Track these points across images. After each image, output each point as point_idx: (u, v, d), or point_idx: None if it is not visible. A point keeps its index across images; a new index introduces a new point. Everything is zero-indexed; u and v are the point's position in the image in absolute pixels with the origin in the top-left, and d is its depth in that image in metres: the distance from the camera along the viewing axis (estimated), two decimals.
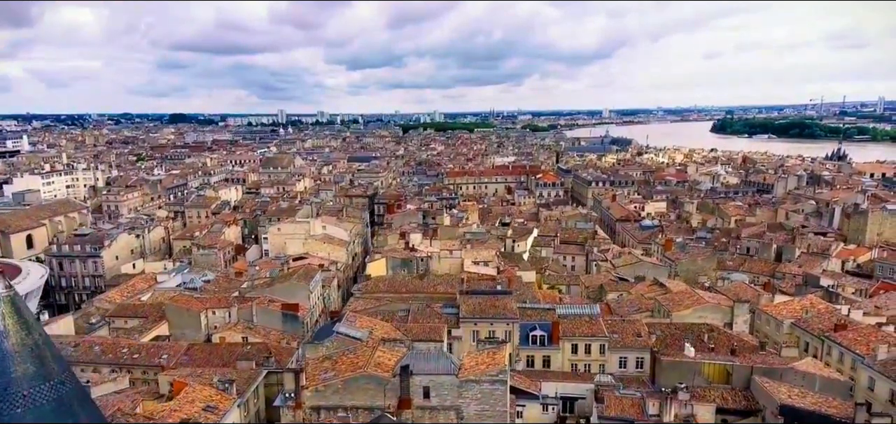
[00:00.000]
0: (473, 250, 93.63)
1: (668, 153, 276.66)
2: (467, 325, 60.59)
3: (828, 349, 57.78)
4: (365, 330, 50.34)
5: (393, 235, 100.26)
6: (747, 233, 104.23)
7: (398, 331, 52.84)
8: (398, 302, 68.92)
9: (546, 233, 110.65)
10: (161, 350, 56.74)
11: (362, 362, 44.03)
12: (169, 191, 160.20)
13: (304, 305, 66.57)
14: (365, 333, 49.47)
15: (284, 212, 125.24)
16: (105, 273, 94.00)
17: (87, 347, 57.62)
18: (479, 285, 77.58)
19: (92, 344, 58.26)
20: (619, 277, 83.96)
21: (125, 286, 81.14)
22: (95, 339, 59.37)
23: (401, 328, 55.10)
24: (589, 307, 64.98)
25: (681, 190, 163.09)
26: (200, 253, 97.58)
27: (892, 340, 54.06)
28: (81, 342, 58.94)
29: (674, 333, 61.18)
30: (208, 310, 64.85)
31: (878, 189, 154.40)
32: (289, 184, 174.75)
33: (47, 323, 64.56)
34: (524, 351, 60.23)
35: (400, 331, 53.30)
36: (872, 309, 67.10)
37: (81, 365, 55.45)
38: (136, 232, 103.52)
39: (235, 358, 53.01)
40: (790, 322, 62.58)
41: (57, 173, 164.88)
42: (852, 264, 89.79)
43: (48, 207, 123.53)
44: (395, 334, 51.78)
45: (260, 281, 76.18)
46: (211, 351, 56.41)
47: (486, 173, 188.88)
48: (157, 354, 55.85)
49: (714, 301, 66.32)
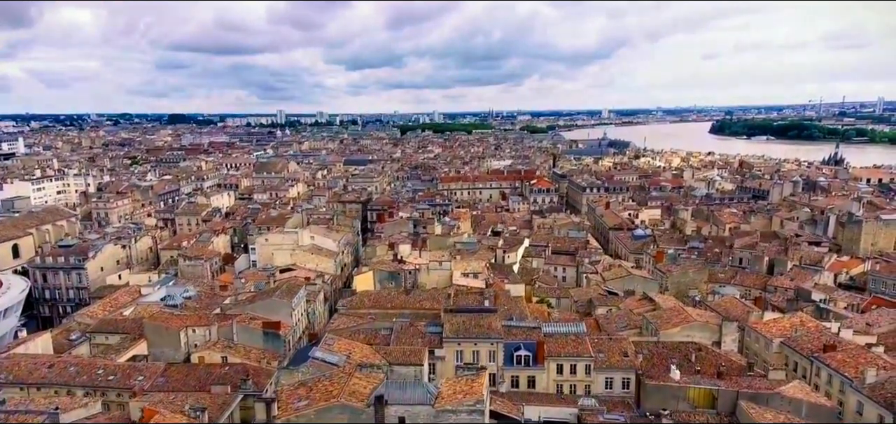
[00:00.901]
0: (463, 261, 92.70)
1: (665, 156, 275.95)
2: (451, 345, 59.51)
3: (817, 370, 56.76)
4: (342, 354, 49.27)
5: (382, 246, 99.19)
6: (740, 244, 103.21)
7: (377, 355, 51.77)
8: (383, 320, 67.88)
9: (538, 242, 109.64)
10: (137, 371, 55.67)
11: (337, 390, 42.97)
12: (160, 196, 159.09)
13: (287, 323, 65.49)
14: (342, 358, 48.41)
15: (275, 220, 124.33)
16: (89, 285, 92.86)
17: (62, 368, 56.52)
18: (466, 299, 76.69)
19: (67, 364, 57.16)
20: (609, 291, 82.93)
21: (108, 300, 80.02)
22: (70, 360, 58.27)
23: (381, 351, 54.02)
24: (575, 325, 63.88)
25: (676, 196, 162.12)
26: (187, 264, 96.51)
27: (881, 363, 53.07)
28: (57, 362, 57.84)
29: (661, 352, 60.19)
30: (188, 328, 63.71)
31: (874, 195, 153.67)
32: (282, 189, 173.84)
33: (24, 341, 63.66)
34: (509, 371, 59.19)
35: (379, 355, 52.22)
36: (863, 326, 66.17)
37: (55, 387, 54.56)
38: (122, 242, 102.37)
39: (212, 381, 51.95)
40: (779, 341, 61.56)
41: (48, 179, 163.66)
42: (845, 276, 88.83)
43: (36, 215, 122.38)
44: (374, 358, 50.71)
45: (244, 296, 75.12)
46: (188, 373, 55.31)
47: (480, 178, 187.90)
48: (132, 375, 54.78)
49: (702, 319, 65.28)
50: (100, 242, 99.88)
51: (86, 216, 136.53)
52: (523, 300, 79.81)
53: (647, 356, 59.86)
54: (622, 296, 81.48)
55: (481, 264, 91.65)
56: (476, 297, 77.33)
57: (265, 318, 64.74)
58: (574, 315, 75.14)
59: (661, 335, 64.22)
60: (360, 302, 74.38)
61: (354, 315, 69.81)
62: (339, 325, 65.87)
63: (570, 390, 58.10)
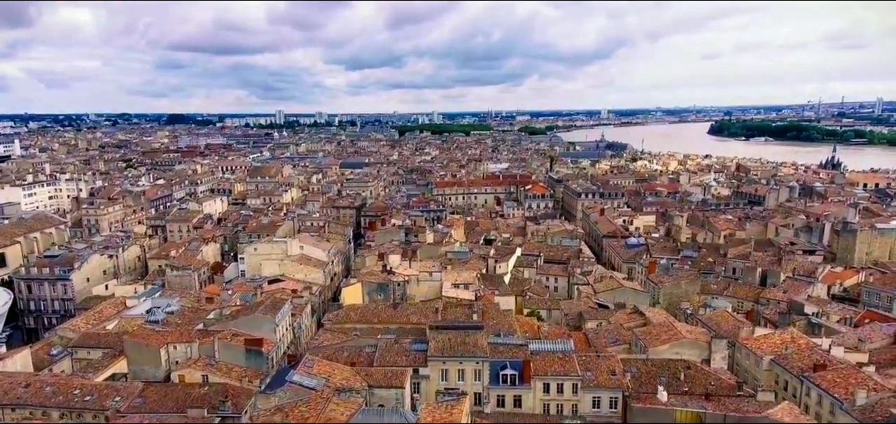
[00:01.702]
0: (454, 271, 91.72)
1: (662, 160, 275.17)
2: (436, 364, 58.53)
3: (807, 390, 55.79)
4: (321, 377, 48.24)
5: (372, 256, 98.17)
6: (734, 253, 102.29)
7: (358, 378, 50.72)
8: (369, 335, 66.88)
9: (530, 252, 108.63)
10: (115, 391, 54.58)
11: (313, 417, 41.99)
12: (152, 202, 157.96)
13: (270, 340, 64.42)
14: (320, 381, 47.39)
15: (266, 227, 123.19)
16: (75, 296, 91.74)
17: (39, 387, 55.42)
18: (455, 311, 75.85)
19: (44, 383, 56.05)
20: (599, 304, 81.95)
21: (91, 313, 78.92)
22: (47, 379, 57.16)
23: (362, 372, 52.97)
24: (563, 342, 62.88)
25: (671, 202, 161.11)
26: (174, 274, 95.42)
27: (872, 384, 52.10)
28: (33, 381, 56.75)
29: (649, 370, 59.33)
30: (169, 345, 62.64)
31: (871, 201, 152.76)
32: (275, 195, 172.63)
33: (3, 358, 62.59)
34: (494, 390, 58.17)
35: (360, 377, 51.17)
36: (855, 341, 65.21)
37: (30, 408, 53.54)
38: (109, 251, 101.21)
39: (190, 403, 50.92)
40: (769, 358, 60.61)
41: (40, 184, 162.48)
42: (839, 287, 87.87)
43: (24, 223, 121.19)
44: (354, 381, 49.67)
45: (229, 310, 74.01)
46: (166, 394, 54.22)
47: (475, 184, 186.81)
48: (109, 396, 53.69)
49: (692, 336, 64.31)
50: (86, 252, 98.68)
51: (76, 223, 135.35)
52: (513, 313, 79.07)
53: (636, 374, 58.99)
54: (613, 309, 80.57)
55: (472, 274, 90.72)
56: (465, 310, 76.53)
57: (248, 335, 63.64)
58: (564, 329, 74.20)
59: (650, 352, 63.28)
60: (347, 317, 73.41)
61: (340, 330, 68.81)
62: (323, 342, 64.90)
63: (556, 410, 57.12)
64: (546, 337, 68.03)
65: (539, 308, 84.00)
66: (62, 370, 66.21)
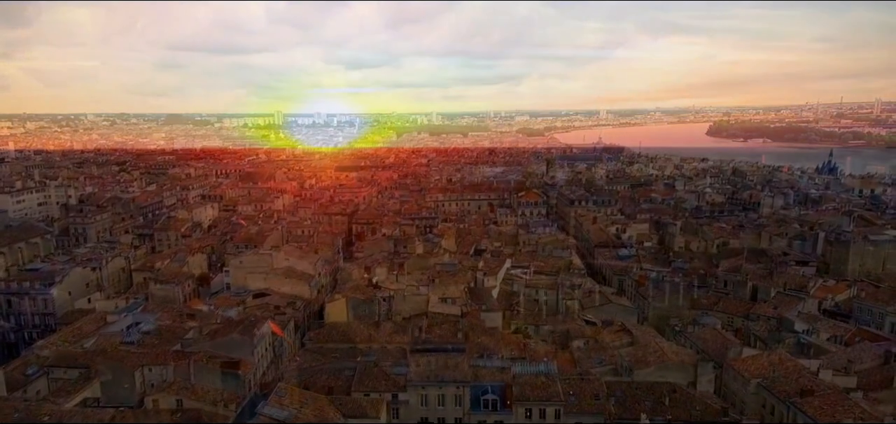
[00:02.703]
0: (441, 285, 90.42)
1: (658, 163, 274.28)
2: (415, 390, 57.30)
3: (794, 415, 54.58)
4: (292, 409, 46.96)
5: (358, 268, 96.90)
6: (725, 267, 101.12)
7: (332, 408, 49.46)
8: (349, 356, 65.69)
9: (520, 263, 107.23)
10: (84, 418, 53.25)
11: None
12: (142, 209, 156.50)
13: (248, 362, 63.13)
14: (291, 414, 46.10)
15: (254, 237, 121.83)
16: (56, 311, 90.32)
17: (8, 413, 53.84)
18: (440, 328, 75.13)
19: (13, 409, 54.64)
20: (586, 320, 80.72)
21: (70, 329, 77.54)
22: (16, 403, 55.77)
23: (338, 400, 51.72)
24: (545, 364, 61.58)
25: (666, 208, 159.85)
26: (158, 287, 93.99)
27: (859, 412, 50.89)
28: (3, 404, 55.32)
29: (634, 394, 58.23)
30: (144, 367, 61.36)
31: (866, 207, 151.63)
32: (267, 201, 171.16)
33: None
34: (476, 416, 57.03)
35: (335, 407, 49.92)
36: (845, 362, 64.03)
37: None
38: (91, 264, 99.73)
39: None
40: (756, 382, 59.41)
41: (28, 191, 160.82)
42: (831, 302, 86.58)
43: (9, 232, 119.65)
44: (327, 411, 48.43)
45: (209, 328, 72.67)
46: (136, 421, 52.86)
47: (468, 190, 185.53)
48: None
49: (678, 358, 63.14)
50: (68, 265, 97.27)
51: (64, 231, 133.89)
52: (499, 330, 77.94)
53: (620, 398, 57.92)
54: (600, 325, 79.36)
55: (460, 288, 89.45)
56: (450, 326, 75.56)
57: (225, 357, 62.36)
58: (550, 347, 72.97)
59: (636, 374, 62.14)
60: (329, 336, 72.26)
61: (320, 351, 67.59)
62: (302, 363, 63.70)
63: None
64: (532, 354, 66.81)
65: (526, 324, 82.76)
66: (38, 390, 64.87)
